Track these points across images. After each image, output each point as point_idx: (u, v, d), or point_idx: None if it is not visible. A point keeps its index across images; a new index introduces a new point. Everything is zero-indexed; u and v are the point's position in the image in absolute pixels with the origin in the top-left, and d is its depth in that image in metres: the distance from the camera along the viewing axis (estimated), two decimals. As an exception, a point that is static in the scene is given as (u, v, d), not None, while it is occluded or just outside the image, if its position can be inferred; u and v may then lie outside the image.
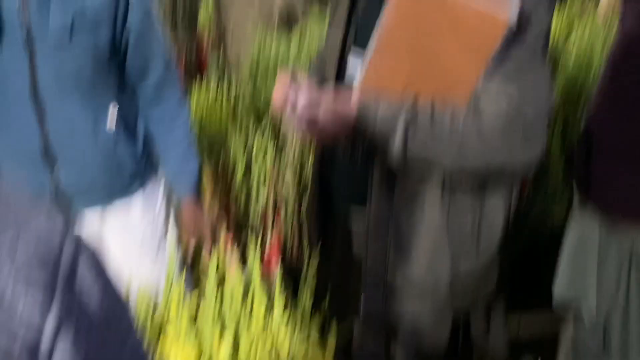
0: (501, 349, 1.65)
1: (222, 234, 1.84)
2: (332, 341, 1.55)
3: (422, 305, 1.50)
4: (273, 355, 1.45)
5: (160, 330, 1.57)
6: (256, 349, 1.44)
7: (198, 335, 1.52)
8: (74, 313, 0.36)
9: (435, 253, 1.46)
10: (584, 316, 1.73)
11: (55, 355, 0.35)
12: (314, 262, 1.63)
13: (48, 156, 1.49)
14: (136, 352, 0.40)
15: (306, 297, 1.61)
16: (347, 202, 1.59)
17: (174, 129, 1.62)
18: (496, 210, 1.47)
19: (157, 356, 0.40)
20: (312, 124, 1.33)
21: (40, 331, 0.35)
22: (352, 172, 1.52)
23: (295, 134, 2.14)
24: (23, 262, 0.35)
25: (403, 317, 1.55)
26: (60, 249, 0.37)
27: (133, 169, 1.61)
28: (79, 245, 0.38)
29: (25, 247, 0.36)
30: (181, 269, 1.72)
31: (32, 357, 0.34)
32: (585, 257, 1.70)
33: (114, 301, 0.39)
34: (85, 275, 0.38)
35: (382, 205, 1.45)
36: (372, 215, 1.46)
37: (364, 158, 1.44)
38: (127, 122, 1.58)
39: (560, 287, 1.77)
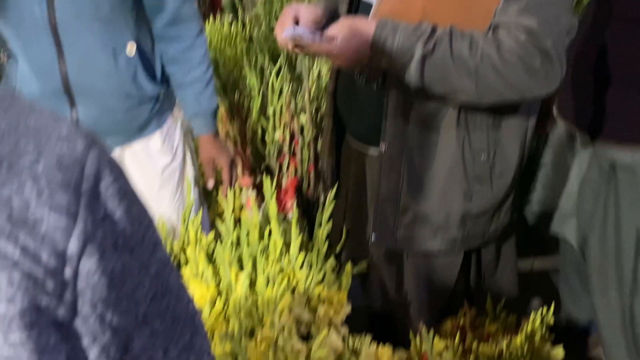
0: (510, 282, 1.67)
1: (238, 175, 1.85)
2: (346, 281, 1.57)
3: (433, 242, 1.52)
4: (289, 294, 1.48)
5: (177, 269, 1.60)
6: (272, 288, 1.47)
7: (215, 274, 1.55)
8: (98, 235, 0.36)
9: (448, 188, 1.47)
10: (567, 241, 1.76)
11: (79, 277, 0.36)
12: (329, 205, 1.64)
13: (67, 92, 1.50)
14: (163, 271, 0.40)
15: (321, 238, 1.62)
16: (361, 143, 1.59)
17: (191, 66, 1.61)
18: (511, 144, 1.46)
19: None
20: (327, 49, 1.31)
21: (63, 254, 0.35)
22: (367, 112, 1.51)
23: (311, 73, 2.11)
24: (44, 185, 0.35)
25: (414, 254, 1.56)
26: (82, 172, 0.37)
27: (151, 108, 1.61)
28: (102, 167, 0.38)
29: (46, 170, 0.35)
30: (198, 209, 1.74)
31: (57, 280, 0.35)
32: (563, 183, 1.72)
33: (139, 220, 0.39)
34: (108, 196, 0.37)
35: (396, 140, 1.44)
36: (386, 150, 1.45)
37: (379, 85, 1.43)
38: (145, 60, 1.57)
39: (536, 214, 1.79)
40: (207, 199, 1.97)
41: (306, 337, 1.47)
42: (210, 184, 1.71)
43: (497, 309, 1.55)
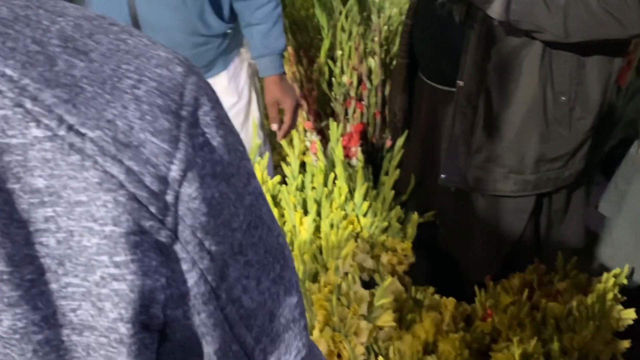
0: (577, 232, 1.62)
1: (303, 118, 1.82)
2: (411, 230, 1.55)
3: (504, 184, 1.48)
4: (352, 241, 1.47)
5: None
6: (336, 233, 1.46)
7: (279, 217, 1.55)
8: (197, 162, 0.36)
9: (525, 129, 1.42)
10: None
11: (180, 203, 0.35)
12: (398, 152, 1.61)
13: (135, 26, 1.50)
14: (256, 201, 0.40)
15: (387, 186, 1.60)
16: (435, 82, 1.54)
17: (258, 4, 1.58)
18: (594, 87, 1.40)
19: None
20: None
21: (165, 178, 0.35)
22: (445, 48, 1.46)
23: (382, 15, 2.04)
24: (146, 109, 0.35)
25: (483, 196, 1.53)
26: (182, 97, 0.36)
27: (217, 46, 1.59)
28: (200, 94, 0.37)
29: (148, 94, 0.35)
30: (264, 152, 1.73)
31: (160, 203, 0.35)
32: None
33: (234, 150, 0.39)
34: (207, 123, 0.37)
35: (475, 76, 1.39)
36: (463, 86, 1.41)
37: (462, 18, 1.38)
38: None
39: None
40: (271, 141, 1.96)
41: (368, 284, 1.47)
42: (275, 127, 1.69)
43: (567, 266, 1.50)
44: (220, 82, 1.65)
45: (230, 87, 1.67)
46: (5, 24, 0.34)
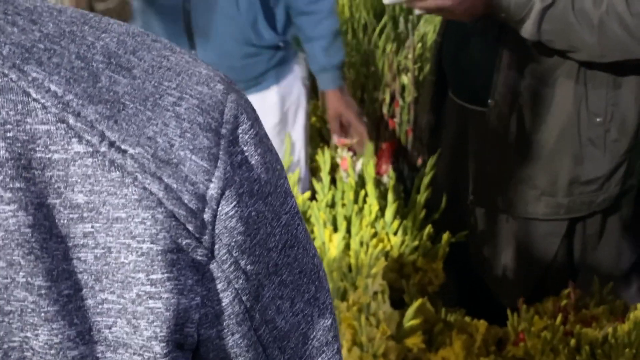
0: (612, 258, 1.58)
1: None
2: (443, 250, 1.53)
3: (536, 206, 1.44)
4: (382, 259, 1.45)
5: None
6: (366, 251, 1.45)
7: (310, 233, 1.54)
8: (236, 180, 0.36)
9: (558, 150, 1.39)
10: None
11: (218, 221, 0.35)
12: (430, 171, 1.59)
13: (188, 32, 1.51)
14: (292, 221, 0.40)
15: (419, 205, 1.58)
16: (466, 100, 1.53)
17: (320, 18, 1.58)
18: (630, 108, 1.37)
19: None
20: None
21: (204, 197, 0.35)
22: (476, 67, 1.45)
23: (416, 33, 2.04)
24: (187, 126, 0.35)
25: (515, 218, 1.50)
26: (222, 115, 0.36)
27: (269, 58, 1.59)
28: (240, 112, 0.37)
29: (188, 111, 0.36)
30: (303, 168, 1.73)
31: (197, 222, 0.35)
32: None
33: (272, 168, 0.39)
34: (246, 141, 0.37)
35: (507, 95, 1.38)
36: (495, 105, 1.39)
37: (494, 37, 1.36)
38: (266, 7, 1.55)
39: None
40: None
41: (398, 304, 1.45)
42: (336, 139, 1.70)
43: (603, 291, 1.47)
44: (270, 96, 1.64)
45: (280, 103, 1.67)
46: (52, 39, 0.34)
